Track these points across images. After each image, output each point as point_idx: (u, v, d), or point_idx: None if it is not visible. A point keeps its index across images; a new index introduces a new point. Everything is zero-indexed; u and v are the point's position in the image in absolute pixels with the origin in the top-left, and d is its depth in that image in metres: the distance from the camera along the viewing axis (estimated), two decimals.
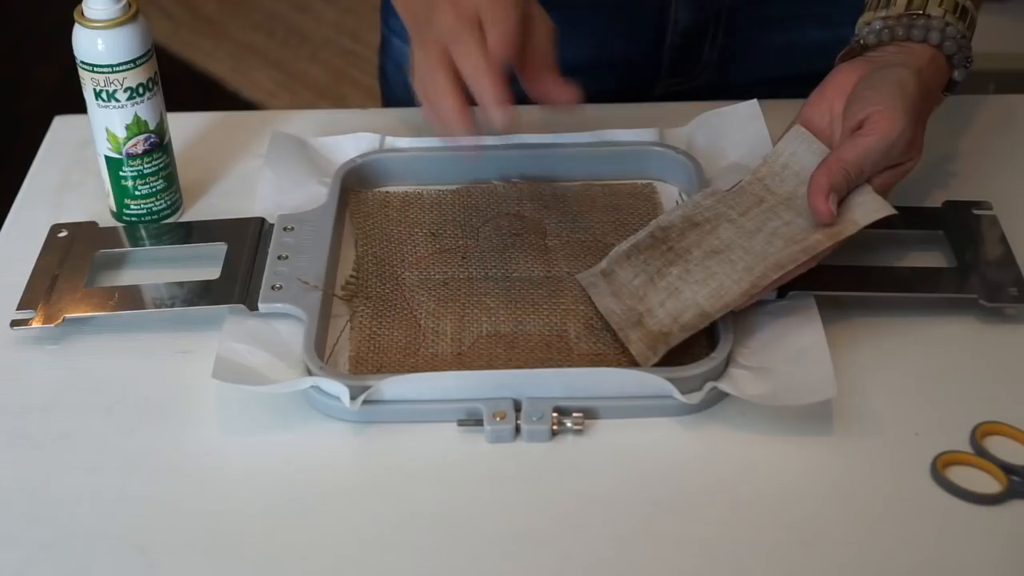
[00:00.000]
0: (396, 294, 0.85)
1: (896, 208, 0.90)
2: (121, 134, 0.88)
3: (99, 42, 0.85)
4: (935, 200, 0.90)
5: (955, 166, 0.96)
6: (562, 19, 1.04)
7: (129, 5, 0.86)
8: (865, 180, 0.79)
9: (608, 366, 0.78)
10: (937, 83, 0.83)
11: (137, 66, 0.86)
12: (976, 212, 0.89)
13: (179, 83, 2.58)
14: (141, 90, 0.87)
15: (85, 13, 0.85)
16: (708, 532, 0.70)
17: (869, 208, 0.79)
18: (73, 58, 0.86)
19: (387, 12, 1.12)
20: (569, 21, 1.04)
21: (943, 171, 0.96)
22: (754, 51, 1.06)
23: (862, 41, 0.85)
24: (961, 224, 0.88)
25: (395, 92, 1.14)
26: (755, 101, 0.95)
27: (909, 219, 0.89)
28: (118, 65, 0.86)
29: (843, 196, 0.78)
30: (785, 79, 0.85)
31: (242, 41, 2.74)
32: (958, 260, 0.86)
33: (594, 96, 1.06)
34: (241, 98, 2.55)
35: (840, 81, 0.83)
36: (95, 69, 0.86)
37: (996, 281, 0.83)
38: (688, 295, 0.79)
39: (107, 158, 0.90)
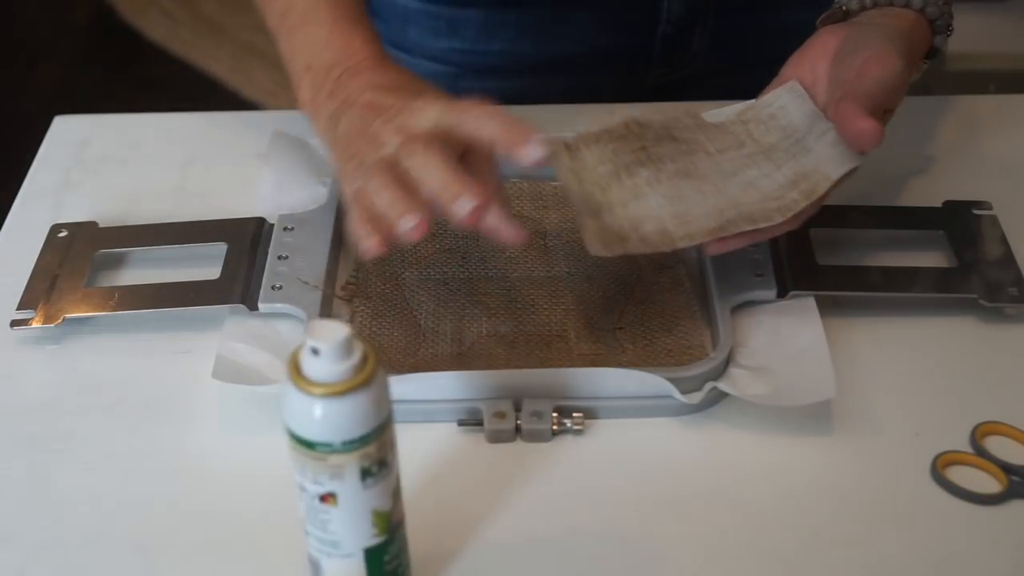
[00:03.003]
0: (396, 294, 0.85)
1: (896, 208, 0.91)
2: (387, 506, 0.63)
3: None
4: (935, 200, 0.90)
5: (955, 166, 0.96)
6: (555, 13, 1.04)
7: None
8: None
9: (608, 366, 0.78)
10: (921, 46, 0.83)
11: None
12: (976, 212, 0.89)
13: (179, 83, 2.61)
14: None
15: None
16: (708, 532, 0.70)
17: (839, 161, 0.78)
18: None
19: (375, 12, 1.11)
20: (562, 15, 1.04)
21: (943, 171, 0.96)
22: (745, 35, 1.06)
23: (844, 8, 0.85)
24: (961, 224, 0.88)
25: None
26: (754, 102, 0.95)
27: (909, 219, 0.90)
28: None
29: (878, 119, 0.75)
30: (777, 62, 0.85)
31: (242, 41, 2.73)
32: (958, 260, 0.86)
33: (587, 88, 1.06)
34: (241, 98, 2.55)
35: (823, 43, 0.82)
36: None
37: (996, 281, 0.83)
38: (653, 204, 0.77)
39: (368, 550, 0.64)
